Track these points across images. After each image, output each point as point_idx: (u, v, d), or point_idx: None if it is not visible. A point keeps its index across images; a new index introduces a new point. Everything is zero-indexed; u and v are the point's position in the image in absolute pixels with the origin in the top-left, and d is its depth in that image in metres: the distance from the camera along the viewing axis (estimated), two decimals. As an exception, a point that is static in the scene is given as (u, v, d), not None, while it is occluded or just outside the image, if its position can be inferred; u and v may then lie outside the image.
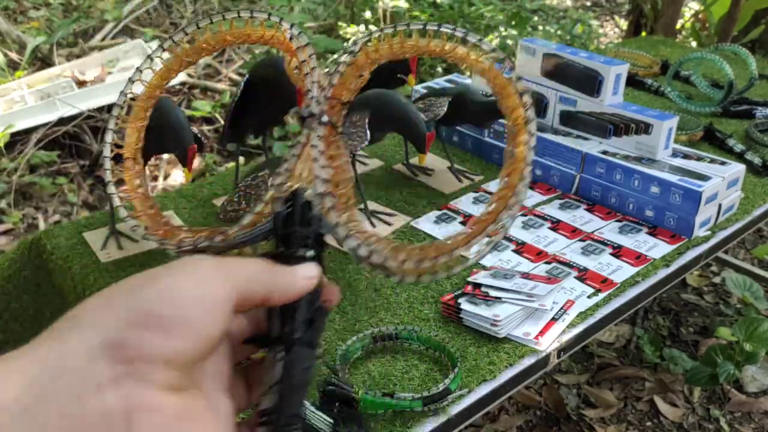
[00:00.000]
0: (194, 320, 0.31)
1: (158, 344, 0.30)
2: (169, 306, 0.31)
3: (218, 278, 0.33)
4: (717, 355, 1.48)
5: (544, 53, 1.27)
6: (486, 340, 0.84)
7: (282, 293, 0.36)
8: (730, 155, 1.30)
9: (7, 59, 2.88)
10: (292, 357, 0.36)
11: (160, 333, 0.30)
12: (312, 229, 0.40)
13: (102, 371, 0.29)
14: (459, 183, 1.22)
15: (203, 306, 0.32)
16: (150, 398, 0.30)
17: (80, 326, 0.30)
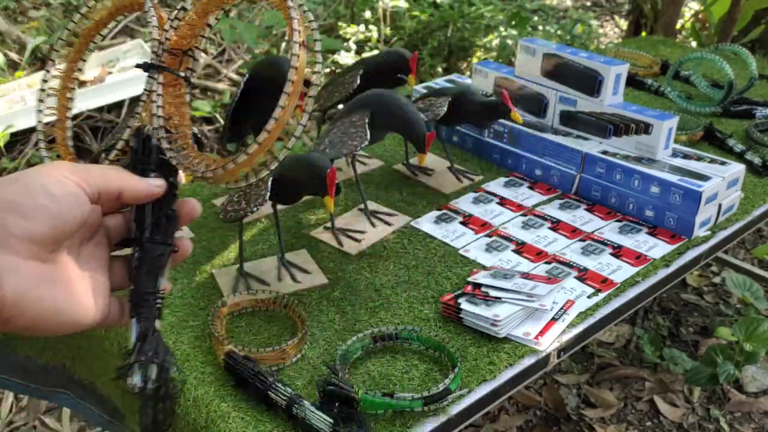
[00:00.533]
0: (48, 208, 0.41)
1: (20, 225, 0.40)
2: (28, 197, 0.41)
3: (72, 176, 0.44)
4: (717, 355, 1.48)
5: (544, 53, 1.27)
6: (486, 340, 0.84)
7: (131, 192, 0.48)
8: (730, 155, 1.30)
9: (7, 59, 2.88)
10: (143, 252, 0.49)
11: (20, 218, 0.40)
12: (152, 157, 0.52)
13: None
14: (459, 183, 1.22)
15: (55, 198, 0.42)
16: (14, 263, 0.40)
17: None
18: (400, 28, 3.21)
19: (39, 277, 0.41)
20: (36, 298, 0.41)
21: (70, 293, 0.44)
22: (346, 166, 1.26)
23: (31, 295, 0.41)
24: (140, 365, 0.47)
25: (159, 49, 0.54)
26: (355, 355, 0.82)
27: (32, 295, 0.41)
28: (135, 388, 0.47)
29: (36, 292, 0.41)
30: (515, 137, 1.26)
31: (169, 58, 0.54)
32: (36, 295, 0.41)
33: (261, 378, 0.74)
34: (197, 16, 0.55)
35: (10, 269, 0.40)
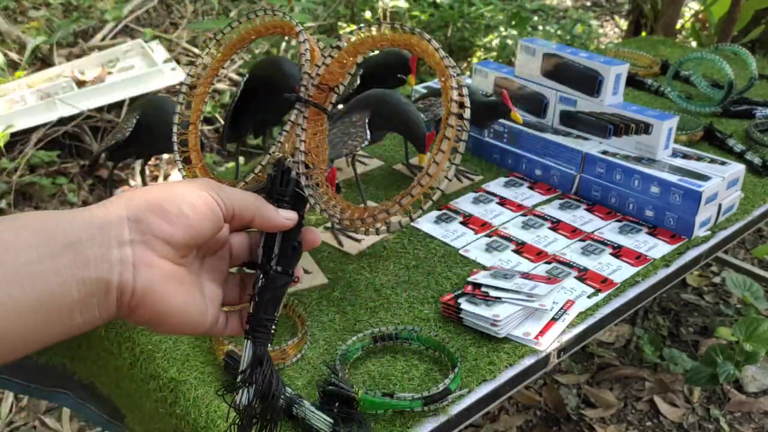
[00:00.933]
0: (188, 218, 0.46)
1: (162, 227, 0.45)
2: (174, 205, 0.46)
3: (214, 194, 0.48)
4: (717, 355, 1.48)
5: (544, 53, 1.27)
6: (486, 340, 0.84)
7: (264, 220, 0.51)
8: (730, 155, 1.30)
9: (7, 59, 2.88)
10: (267, 280, 0.52)
11: (164, 221, 0.45)
12: (289, 188, 0.53)
13: (125, 233, 0.43)
14: (459, 183, 1.22)
15: (196, 210, 0.46)
16: (150, 258, 0.44)
17: (116, 203, 0.45)
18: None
19: (169, 276, 0.45)
20: (163, 294, 0.45)
21: (192, 297, 0.48)
22: (346, 166, 1.26)
23: (159, 289, 0.44)
24: (250, 386, 0.50)
25: (309, 83, 0.55)
26: (355, 355, 0.82)
27: (161, 290, 0.45)
28: (239, 406, 0.50)
29: (164, 289, 0.45)
30: (515, 137, 1.26)
31: (316, 92, 0.55)
32: (164, 291, 0.45)
33: (261, 378, 0.74)
34: (348, 54, 0.55)
35: (146, 263, 0.44)
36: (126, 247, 0.43)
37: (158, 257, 0.45)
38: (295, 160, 0.54)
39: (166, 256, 0.45)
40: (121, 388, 0.90)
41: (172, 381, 0.79)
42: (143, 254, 0.44)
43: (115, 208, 0.44)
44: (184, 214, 0.46)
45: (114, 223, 0.43)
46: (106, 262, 0.42)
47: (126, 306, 0.44)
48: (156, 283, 0.44)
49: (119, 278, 0.43)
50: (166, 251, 0.45)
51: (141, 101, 1.03)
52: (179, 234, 0.45)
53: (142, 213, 0.44)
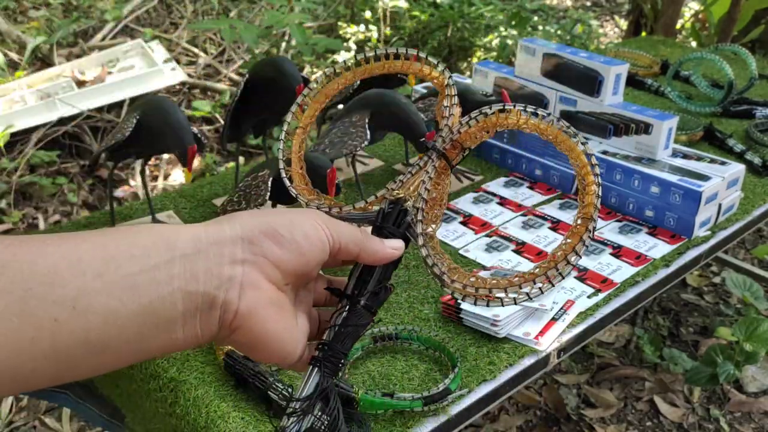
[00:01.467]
0: (300, 245, 0.46)
1: (274, 251, 0.45)
2: (288, 231, 0.46)
3: (324, 225, 0.48)
4: (717, 355, 1.48)
5: (544, 53, 1.27)
6: (486, 340, 0.84)
7: (369, 254, 0.51)
8: (730, 155, 1.30)
9: (7, 59, 2.88)
10: (352, 312, 0.50)
11: (277, 245, 0.45)
12: (400, 230, 0.53)
13: (237, 252, 0.43)
14: (459, 183, 1.22)
15: (308, 239, 0.46)
16: (258, 280, 0.44)
17: (231, 222, 0.45)
18: (400, 28, 3.21)
19: (272, 301, 0.45)
20: (265, 318, 0.44)
21: (289, 325, 0.47)
22: (346, 166, 1.26)
23: (261, 313, 0.44)
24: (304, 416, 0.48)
25: (448, 137, 0.55)
26: (355, 355, 0.82)
27: (262, 314, 0.44)
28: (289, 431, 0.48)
29: (266, 313, 0.44)
30: (515, 137, 1.26)
31: (450, 148, 0.55)
32: (265, 315, 0.44)
33: (261, 378, 0.74)
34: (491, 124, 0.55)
35: (253, 284, 0.44)
36: (237, 266, 0.43)
37: (266, 280, 0.44)
38: (414, 205, 0.54)
39: (273, 281, 0.45)
40: (121, 388, 0.90)
41: (172, 381, 0.79)
42: (252, 275, 0.44)
43: (230, 226, 0.44)
44: (297, 242, 0.46)
45: (228, 241, 0.44)
46: (216, 278, 0.42)
47: (227, 325, 0.43)
48: (260, 306, 0.44)
49: (225, 296, 0.42)
50: (274, 276, 0.45)
51: (141, 101, 1.03)
52: (289, 260, 0.45)
53: (256, 235, 0.45)
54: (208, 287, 0.42)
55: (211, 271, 0.42)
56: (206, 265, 0.42)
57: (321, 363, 0.49)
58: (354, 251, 0.50)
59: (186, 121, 0.97)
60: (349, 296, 0.51)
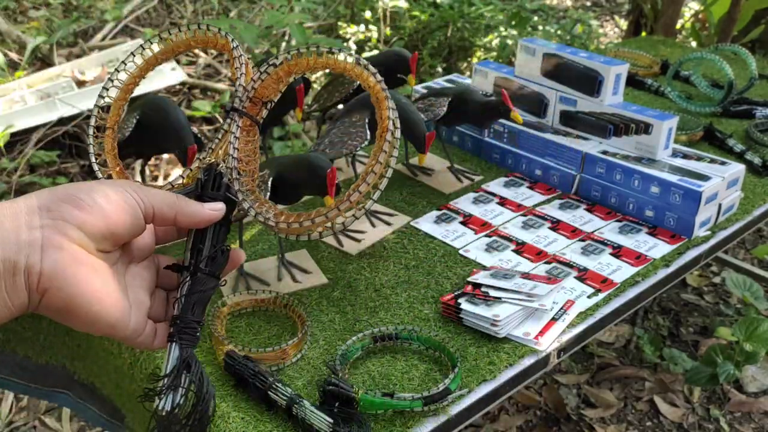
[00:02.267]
0: (102, 207, 0.46)
1: (74, 214, 0.45)
2: (87, 195, 0.46)
3: (131, 191, 0.48)
4: (717, 355, 1.48)
5: (544, 53, 1.27)
6: (486, 340, 0.84)
7: (188, 216, 0.51)
8: (730, 155, 1.30)
9: (7, 59, 2.88)
10: (194, 280, 0.51)
11: (77, 208, 0.45)
12: (221, 192, 0.54)
13: (34, 220, 0.44)
14: (459, 183, 1.22)
15: (111, 202, 0.46)
16: (60, 241, 0.44)
17: (26, 197, 0.45)
18: (400, 28, 3.21)
19: (80, 261, 0.44)
20: (73, 277, 0.44)
21: (110, 288, 0.46)
22: (346, 166, 1.26)
23: (69, 272, 0.44)
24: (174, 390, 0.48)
25: (244, 96, 0.57)
26: (355, 355, 0.82)
27: (69, 272, 0.44)
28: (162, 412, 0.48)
29: (74, 271, 0.44)
30: (515, 137, 1.26)
31: (250, 105, 0.57)
32: (74, 274, 0.44)
33: (261, 378, 0.74)
34: (283, 73, 0.58)
35: (55, 245, 0.43)
36: (36, 230, 0.43)
37: (69, 241, 0.44)
38: (227, 166, 0.55)
39: (80, 243, 0.45)
40: (121, 388, 0.90)
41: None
42: (53, 237, 0.43)
43: (24, 200, 0.45)
44: (98, 204, 0.46)
45: (23, 211, 0.44)
46: (14, 245, 0.42)
47: (35, 289, 0.43)
48: (66, 265, 0.43)
49: (26, 260, 0.42)
50: (79, 237, 0.45)
51: (141, 101, 1.03)
52: (93, 222, 0.45)
53: (53, 202, 0.45)
54: (8, 253, 0.42)
55: (8, 239, 0.42)
56: (3, 235, 0.42)
57: (176, 336, 0.49)
58: (170, 214, 0.50)
59: (186, 121, 0.97)
60: (187, 266, 0.52)
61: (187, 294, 0.51)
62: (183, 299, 0.51)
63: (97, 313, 0.45)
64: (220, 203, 0.53)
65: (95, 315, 0.45)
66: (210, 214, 0.52)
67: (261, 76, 0.58)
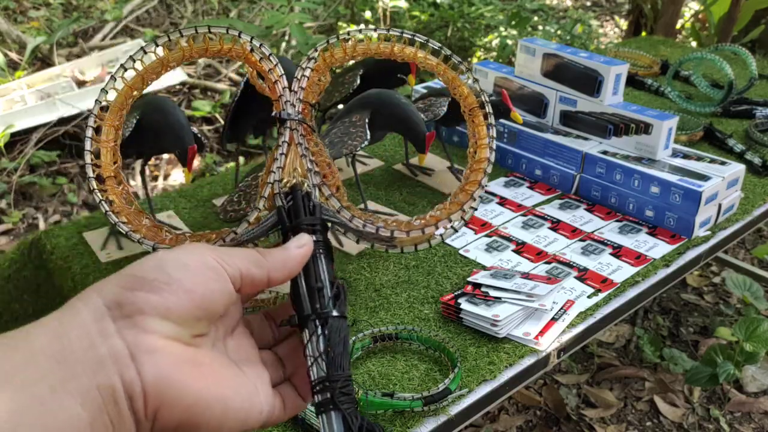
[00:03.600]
0: (181, 281, 0.36)
1: (150, 300, 0.35)
2: (160, 271, 0.36)
3: (210, 252, 0.39)
4: (717, 355, 1.48)
5: (544, 53, 1.27)
6: (486, 340, 0.84)
7: (279, 269, 0.41)
8: (730, 155, 1.30)
9: (7, 59, 2.88)
10: (331, 329, 0.41)
11: (151, 292, 0.35)
12: (317, 216, 0.45)
13: (107, 326, 0.34)
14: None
15: (190, 269, 0.37)
16: (152, 342, 0.34)
17: (84, 297, 0.35)
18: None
19: (182, 359, 0.35)
20: (184, 381, 0.35)
21: (224, 379, 0.37)
22: (346, 166, 1.26)
23: (175, 378, 0.35)
24: None
25: (295, 100, 0.49)
26: (355, 355, 0.82)
27: (178, 376, 0.35)
28: None
29: (182, 374, 0.35)
30: (515, 137, 1.26)
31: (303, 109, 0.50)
32: (183, 378, 0.35)
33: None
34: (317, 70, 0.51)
35: (144, 350, 0.34)
36: (114, 338, 0.34)
37: (160, 338, 0.35)
38: (313, 183, 0.46)
39: (171, 336, 0.35)
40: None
41: None
42: (138, 341, 0.34)
43: (83, 302, 0.35)
44: (174, 278, 0.36)
45: (89, 319, 0.34)
46: (100, 365, 0.33)
47: (143, 414, 0.34)
48: (169, 371, 0.34)
49: (122, 380, 0.33)
50: (169, 330, 0.35)
51: (141, 101, 1.03)
52: (177, 303, 0.36)
53: (121, 294, 0.35)
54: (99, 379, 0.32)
55: (87, 360, 0.33)
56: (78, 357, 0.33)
57: (333, 402, 0.39)
58: (260, 275, 0.40)
59: (186, 121, 0.97)
60: (317, 313, 0.42)
61: (327, 347, 0.40)
62: (325, 356, 0.40)
63: (224, 414, 0.36)
64: (304, 235, 0.43)
65: (221, 417, 0.36)
66: (301, 252, 0.42)
67: (304, 72, 0.50)
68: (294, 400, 0.41)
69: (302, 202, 0.45)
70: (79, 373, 0.32)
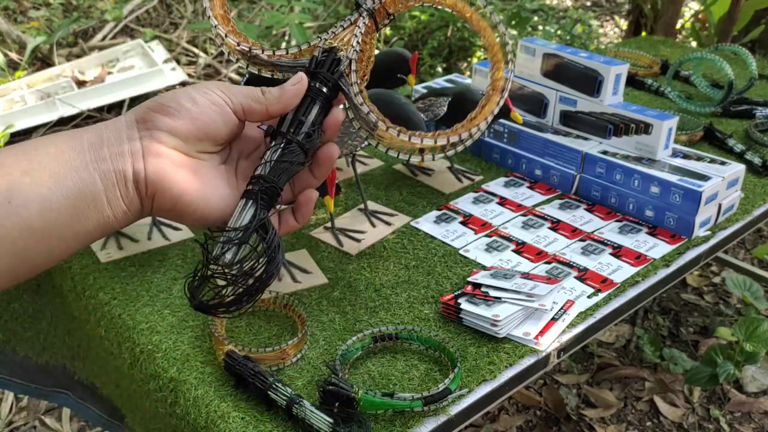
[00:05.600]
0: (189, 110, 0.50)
1: (164, 121, 0.49)
2: (174, 102, 0.50)
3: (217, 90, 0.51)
4: (717, 355, 1.48)
5: (544, 53, 1.27)
6: (486, 340, 0.84)
7: (275, 103, 0.52)
8: (730, 155, 1.30)
9: (7, 59, 2.88)
10: (287, 149, 0.51)
11: (165, 115, 0.50)
12: (334, 76, 0.53)
13: (134, 132, 0.49)
14: (459, 183, 1.22)
15: (197, 103, 0.50)
16: (158, 149, 0.49)
17: (126, 113, 0.50)
18: (400, 28, 3.21)
19: (179, 164, 0.49)
20: (173, 180, 0.49)
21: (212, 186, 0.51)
22: (346, 166, 1.26)
23: (170, 175, 0.48)
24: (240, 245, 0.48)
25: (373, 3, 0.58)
26: (355, 355, 0.82)
27: (171, 175, 0.48)
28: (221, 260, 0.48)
29: (175, 175, 0.49)
30: (515, 137, 1.26)
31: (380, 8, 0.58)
32: (175, 177, 0.49)
33: (261, 378, 0.74)
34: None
35: (154, 153, 0.48)
36: (136, 141, 0.49)
37: (166, 147, 0.49)
38: (347, 55, 0.55)
39: (176, 147, 0.50)
40: (121, 388, 0.90)
41: (172, 381, 0.79)
42: (151, 146, 0.48)
43: (125, 116, 0.50)
44: (185, 108, 0.50)
45: (124, 126, 0.49)
46: (120, 156, 0.48)
47: (145, 194, 0.48)
48: (167, 169, 0.48)
49: (133, 168, 0.48)
50: (174, 143, 0.49)
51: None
52: (184, 126, 0.49)
53: (146, 113, 0.50)
54: (117, 164, 0.48)
55: (115, 151, 0.48)
56: (111, 149, 0.48)
57: (257, 194, 0.49)
58: (259, 108, 0.52)
59: None
60: (284, 133, 0.51)
61: (278, 159, 0.50)
62: (272, 163, 0.50)
63: (204, 210, 0.50)
64: (299, 75, 0.53)
65: (203, 212, 0.50)
66: (294, 88, 0.53)
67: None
68: (288, 220, 0.53)
69: (330, 60, 0.54)
70: (106, 158, 0.48)
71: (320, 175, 0.54)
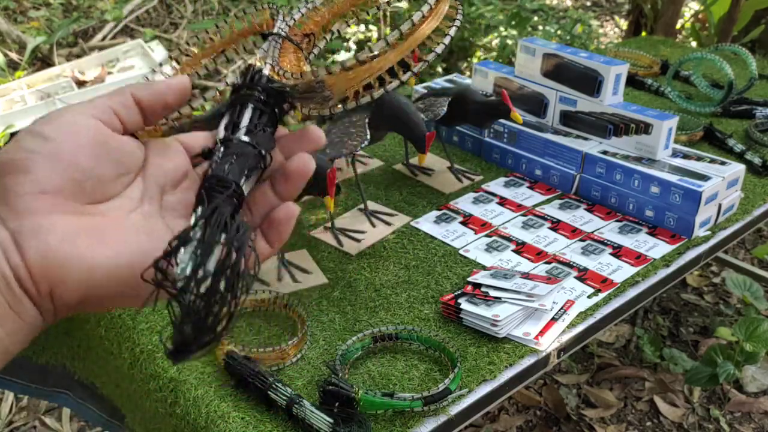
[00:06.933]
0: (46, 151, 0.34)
1: (20, 180, 0.33)
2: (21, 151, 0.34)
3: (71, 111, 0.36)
4: (717, 355, 1.48)
5: (544, 53, 1.27)
6: (486, 340, 0.84)
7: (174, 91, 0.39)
8: (730, 155, 1.30)
9: (7, 59, 2.89)
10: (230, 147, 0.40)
11: (21, 173, 0.33)
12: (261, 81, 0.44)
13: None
14: (459, 183, 1.22)
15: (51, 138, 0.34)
16: (34, 222, 0.33)
17: None
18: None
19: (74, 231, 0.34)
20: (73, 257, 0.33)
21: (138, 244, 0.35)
22: (346, 166, 1.26)
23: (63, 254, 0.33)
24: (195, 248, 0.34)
25: (284, 24, 0.55)
26: (355, 355, 0.82)
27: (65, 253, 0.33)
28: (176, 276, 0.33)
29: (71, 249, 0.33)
30: (515, 137, 1.26)
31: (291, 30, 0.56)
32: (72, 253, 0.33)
33: (261, 378, 0.74)
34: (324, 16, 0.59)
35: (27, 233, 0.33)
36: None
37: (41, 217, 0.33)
38: (270, 63, 0.48)
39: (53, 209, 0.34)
40: (121, 388, 0.90)
41: (172, 381, 0.79)
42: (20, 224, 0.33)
43: None
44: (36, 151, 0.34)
45: None
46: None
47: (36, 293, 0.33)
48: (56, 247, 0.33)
49: (9, 265, 0.33)
50: (48, 205, 0.34)
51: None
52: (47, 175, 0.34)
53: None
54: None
55: None
56: None
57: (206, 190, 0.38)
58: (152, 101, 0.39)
59: None
60: (222, 138, 0.41)
61: (220, 159, 0.39)
62: (212, 164, 0.39)
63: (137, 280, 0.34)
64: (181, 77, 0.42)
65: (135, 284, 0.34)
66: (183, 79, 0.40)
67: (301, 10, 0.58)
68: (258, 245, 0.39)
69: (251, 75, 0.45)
70: None
71: (287, 191, 0.40)
